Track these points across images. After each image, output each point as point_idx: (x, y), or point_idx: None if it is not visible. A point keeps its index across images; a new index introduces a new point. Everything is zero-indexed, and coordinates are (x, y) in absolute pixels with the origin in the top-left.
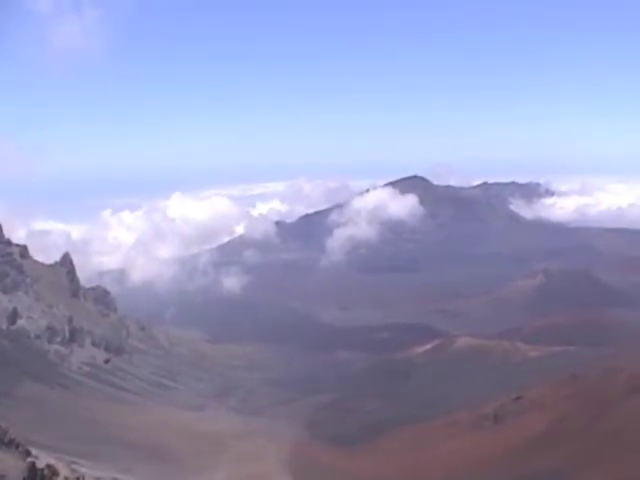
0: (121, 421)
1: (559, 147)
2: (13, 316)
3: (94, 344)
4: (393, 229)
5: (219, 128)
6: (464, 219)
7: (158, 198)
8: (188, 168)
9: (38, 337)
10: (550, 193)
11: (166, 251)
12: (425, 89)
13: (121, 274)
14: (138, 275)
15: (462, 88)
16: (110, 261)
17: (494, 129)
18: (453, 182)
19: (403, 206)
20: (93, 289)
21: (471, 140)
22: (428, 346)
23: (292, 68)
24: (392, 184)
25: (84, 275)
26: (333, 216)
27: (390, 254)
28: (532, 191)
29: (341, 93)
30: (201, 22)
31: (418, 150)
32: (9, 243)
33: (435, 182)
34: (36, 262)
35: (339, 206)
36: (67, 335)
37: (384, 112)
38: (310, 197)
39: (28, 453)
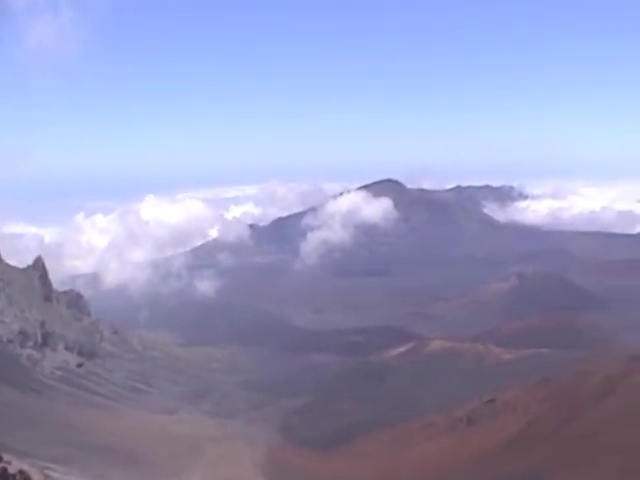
0: (95, 426)
1: (532, 151)
2: None
3: (67, 348)
4: (367, 232)
5: (192, 131)
6: (438, 222)
7: (131, 201)
8: (161, 171)
9: (10, 341)
10: (523, 196)
11: (140, 254)
12: (397, 93)
13: (94, 278)
14: (111, 278)
15: (434, 91)
16: (83, 264)
17: (467, 133)
18: (427, 186)
19: (377, 209)
20: (66, 293)
21: (444, 144)
22: (402, 349)
23: (265, 71)
24: (366, 187)
25: (57, 279)
26: (307, 219)
27: (364, 257)
28: (505, 194)
29: (314, 96)
30: (178, 23)
31: (391, 153)
32: None
33: (409, 186)
34: (8, 266)
35: (313, 209)
36: (39, 339)
37: (356, 115)
38: (284, 200)
39: (0, 458)
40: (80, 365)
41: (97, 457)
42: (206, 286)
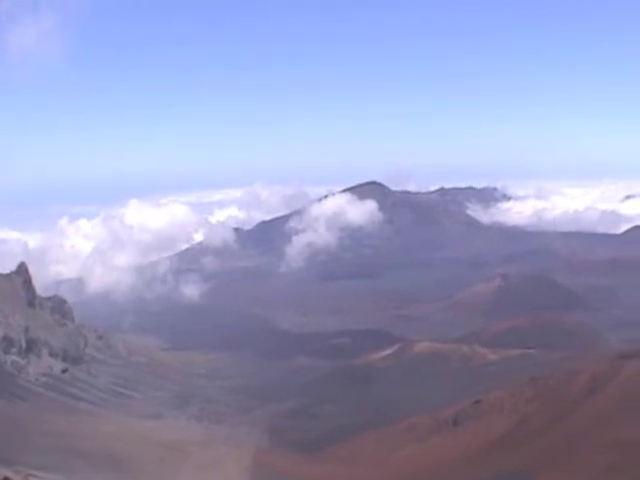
0: (79, 431)
1: (515, 152)
2: None
3: (51, 354)
4: (352, 235)
5: (173, 135)
6: (422, 224)
7: (115, 206)
8: (144, 175)
9: None
10: (507, 197)
11: (124, 259)
12: (379, 95)
13: (78, 283)
14: (96, 284)
15: (416, 94)
16: (67, 270)
17: (449, 134)
18: (410, 188)
19: (362, 212)
20: (50, 298)
21: (427, 145)
22: (388, 351)
23: (247, 74)
24: (350, 190)
25: (41, 284)
26: (291, 222)
27: (349, 260)
28: (489, 196)
29: (296, 99)
30: (157, 27)
31: (374, 156)
32: None
33: (392, 188)
34: None
35: (297, 212)
36: (24, 345)
37: (338, 118)
38: (268, 203)
39: None
40: (65, 371)
41: (82, 463)
42: (191, 290)
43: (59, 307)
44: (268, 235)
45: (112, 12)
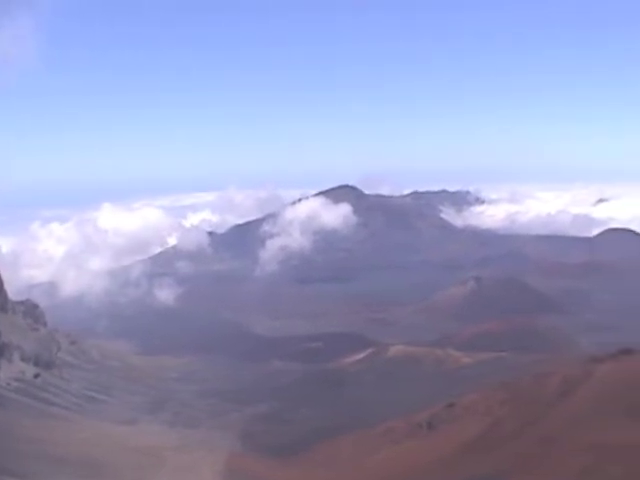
0: (52, 437)
1: (488, 155)
2: None
3: (23, 359)
4: (326, 238)
5: (147, 139)
6: (396, 228)
7: (87, 209)
8: (116, 179)
9: None
10: (480, 201)
11: (97, 263)
12: (351, 100)
13: (51, 287)
14: (69, 288)
15: (388, 98)
16: (40, 274)
17: (422, 138)
18: (384, 191)
19: (336, 215)
20: (22, 302)
21: (400, 149)
22: (361, 355)
23: (220, 79)
24: (324, 193)
25: (13, 288)
26: (265, 226)
27: (323, 264)
28: (462, 199)
29: (268, 103)
30: (133, 31)
31: (346, 160)
32: None
33: (366, 191)
34: None
35: (271, 216)
36: None
37: (311, 122)
38: (241, 207)
39: None
40: (37, 376)
41: (56, 469)
42: (165, 294)
43: (31, 311)
44: (242, 239)
45: (84, 15)
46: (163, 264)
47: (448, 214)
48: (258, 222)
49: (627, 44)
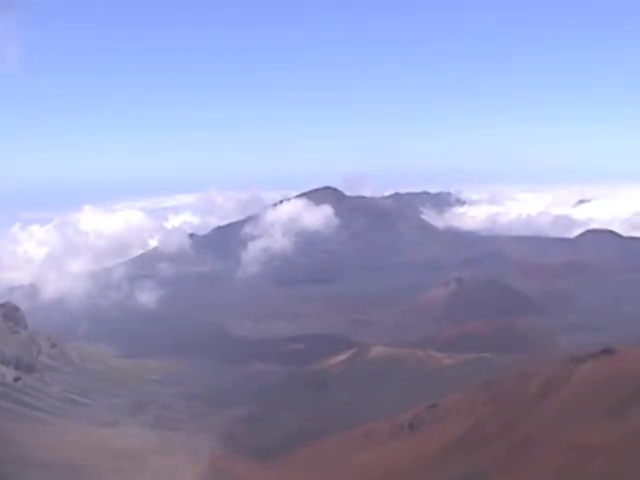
0: (34, 441)
1: (469, 157)
2: None
3: (3, 362)
4: (308, 240)
5: (128, 140)
6: (377, 229)
7: (68, 211)
8: (97, 181)
9: None
10: (461, 202)
11: (78, 265)
12: (331, 101)
13: (32, 289)
14: (50, 290)
15: (368, 99)
16: (20, 276)
17: (403, 140)
18: (365, 193)
19: (317, 217)
20: (2, 305)
21: (381, 151)
22: (343, 356)
23: (198, 81)
24: (305, 195)
25: None
26: (247, 228)
27: (305, 265)
28: (443, 200)
29: (249, 105)
30: (111, 33)
31: (327, 161)
32: None
33: (347, 193)
34: None
35: (252, 218)
36: None
37: (291, 124)
38: (223, 209)
39: None
40: (17, 379)
41: (37, 472)
42: (146, 297)
43: (12, 314)
44: (223, 241)
45: (62, 18)
46: (144, 266)
47: (429, 215)
48: (240, 224)
49: (605, 45)
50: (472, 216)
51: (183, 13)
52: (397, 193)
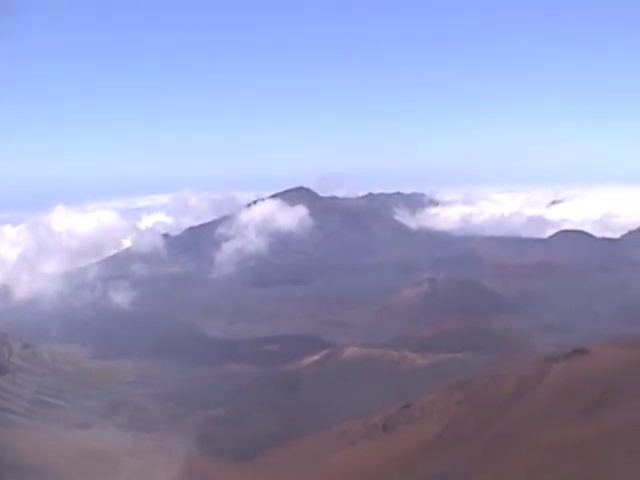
0: (7, 443)
1: (442, 158)
2: None
3: None
4: (282, 241)
5: (101, 140)
6: (351, 230)
7: (40, 212)
8: (70, 181)
9: None
10: (434, 203)
11: (51, 266)
12: (304, 102)
13: (4, 290)
14: (22, 291)
15: (342, 101)
16: None
17: (376, 141)
18: (339, 194)
19: (291, 218)
20: None
21: (354, 152)
22: (317, 357)
23: (173, 82)
24: (279, 196)
25: None
26: (221, 228)
27: (279, 266)
28: (416, 201)
29: (221, 105)
30: (85, 34)
31: (300, 162)
32: None
33: (321, 194)
34: None
35: (226, 218)
36: None
37: (263, 124)
38: (196, 209)
39: None
40: None
41: (9, 476)
42: (120, 297)
43: None
44: (197, 241)
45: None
46: (118, 267)
47: (403, 216)
48: (213, 224)
49: (576, 47)
50: (446, 217)
51: (160, 12)
52: (370, 194)
